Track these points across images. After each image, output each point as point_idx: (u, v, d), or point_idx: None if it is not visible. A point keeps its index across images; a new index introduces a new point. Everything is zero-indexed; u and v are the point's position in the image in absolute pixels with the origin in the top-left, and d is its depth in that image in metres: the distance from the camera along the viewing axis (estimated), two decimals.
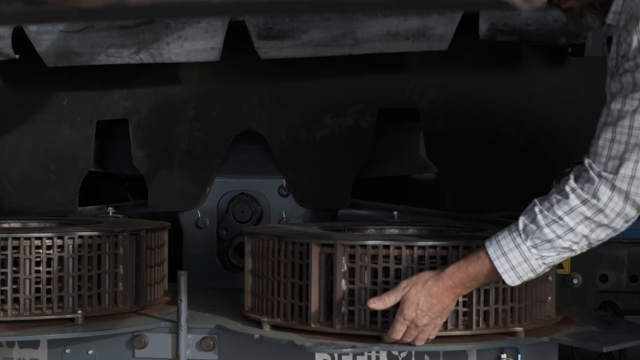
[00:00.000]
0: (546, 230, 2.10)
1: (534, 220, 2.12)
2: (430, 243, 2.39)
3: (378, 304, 2.28)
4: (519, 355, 2.44)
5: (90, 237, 2.59)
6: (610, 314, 2.78)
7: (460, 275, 2.20)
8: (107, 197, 3.59)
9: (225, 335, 2.55)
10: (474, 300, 2.38)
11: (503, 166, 3.19)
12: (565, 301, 2.81)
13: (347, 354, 2.44)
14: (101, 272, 2.61)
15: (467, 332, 2.39)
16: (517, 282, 2.18)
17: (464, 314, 2.41)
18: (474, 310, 2.39)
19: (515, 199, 3.20)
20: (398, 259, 2.39)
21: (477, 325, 2.40)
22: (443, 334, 2.37)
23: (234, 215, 3.19)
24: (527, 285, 2.46)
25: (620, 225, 2.06)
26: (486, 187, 3.22)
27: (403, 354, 2.48)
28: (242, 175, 3.24)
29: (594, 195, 2.04)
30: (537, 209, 2.13)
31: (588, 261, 3.18)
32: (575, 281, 3.16)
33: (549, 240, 2.10)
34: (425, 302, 2.22)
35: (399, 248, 2.39)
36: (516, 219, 2.19)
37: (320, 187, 3.18)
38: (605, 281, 3.23)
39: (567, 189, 2.09)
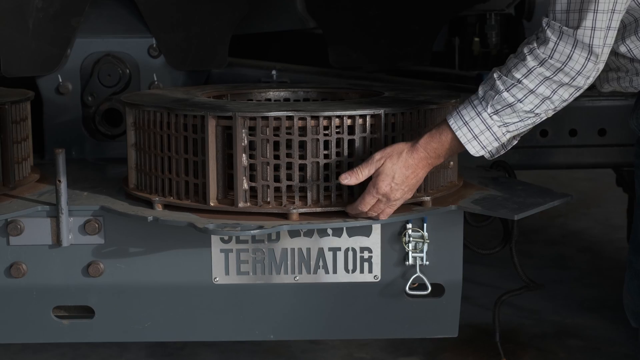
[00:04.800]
0: (505, 94, 2.01)
1: (492, 86, 2.04)
2: (337, 113, 2.23)
3: (350, 179, 2.15)
4: (425, 225, 2.37)
5: None
6: (503, 174, 2.73)
7: (434, 145, 2.11)
8: None
9: (111, 217, 2.34)
10: None
11: (386, 21, 3.04)
12: None
13: (254, 235, 2.28)
14: None
15: None
16: (482, 153, 2.10)
17: None
18: None
19: (399, 56, 3.08)
20: (302, 130, 2.23)
21: None
22: None
23: (100, 79, 2.93)
24: None
25: (583, 83, 1.98)
26: (369, 44, 3.07)
27: (304, 230, 2.35)
28: (107, 35, 2.95)
29: (552, 55, 1.94)
30: (495, 75, 2.04)
31: None
32: None
33: (510, 105, 2.02)
34: (401, 175, 2.12)
35: (303, 119, 2.22)
36: (401, 74, 2.04)
37: (194, 46, 2.93)
38: None
39: (525, 50, 2.00)
